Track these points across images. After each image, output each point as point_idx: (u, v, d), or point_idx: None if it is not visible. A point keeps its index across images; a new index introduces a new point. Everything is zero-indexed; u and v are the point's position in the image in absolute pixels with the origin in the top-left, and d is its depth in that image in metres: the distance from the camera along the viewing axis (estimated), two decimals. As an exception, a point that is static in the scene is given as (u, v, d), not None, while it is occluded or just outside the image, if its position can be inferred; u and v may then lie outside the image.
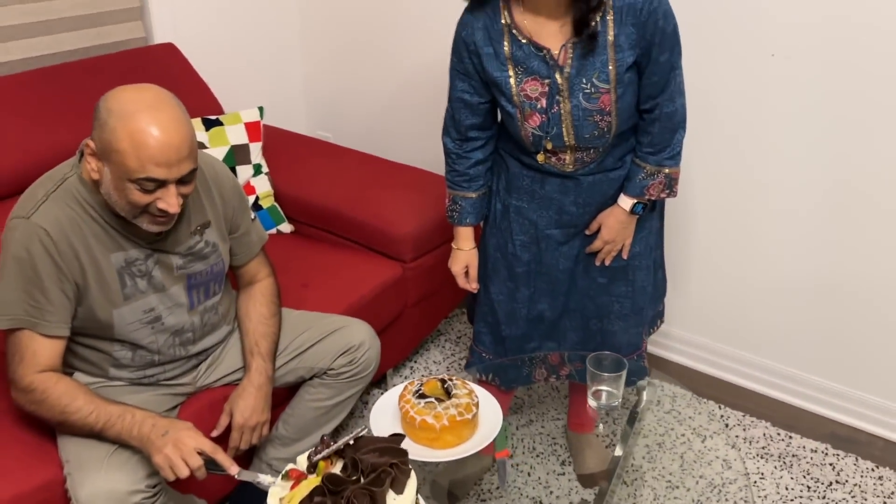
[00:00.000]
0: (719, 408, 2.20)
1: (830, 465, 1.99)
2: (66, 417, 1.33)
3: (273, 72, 2.78)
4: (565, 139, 1.50)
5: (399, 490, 1.18)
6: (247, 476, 1.27)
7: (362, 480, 1.16)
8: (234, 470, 1.29)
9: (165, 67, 2.25)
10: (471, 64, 1.51)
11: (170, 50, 2.30)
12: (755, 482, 1.95)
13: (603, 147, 1.53)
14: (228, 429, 1.55)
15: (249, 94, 2.60)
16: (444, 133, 1.64)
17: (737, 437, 2.09)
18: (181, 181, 1.30)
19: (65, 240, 1.34)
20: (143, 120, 1.24)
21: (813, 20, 1.81)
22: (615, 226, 1.58)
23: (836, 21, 1.79)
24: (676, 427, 2.03)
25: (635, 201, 1.56)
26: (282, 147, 2.39)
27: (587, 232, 1.63)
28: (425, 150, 2.47)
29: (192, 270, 1.50)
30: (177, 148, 1.26)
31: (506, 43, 1.46)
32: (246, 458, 1.72)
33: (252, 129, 2.23)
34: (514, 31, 1.45)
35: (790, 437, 2.08)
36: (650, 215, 1.63)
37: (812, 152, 1.93)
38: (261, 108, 2.29)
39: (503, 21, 1.45)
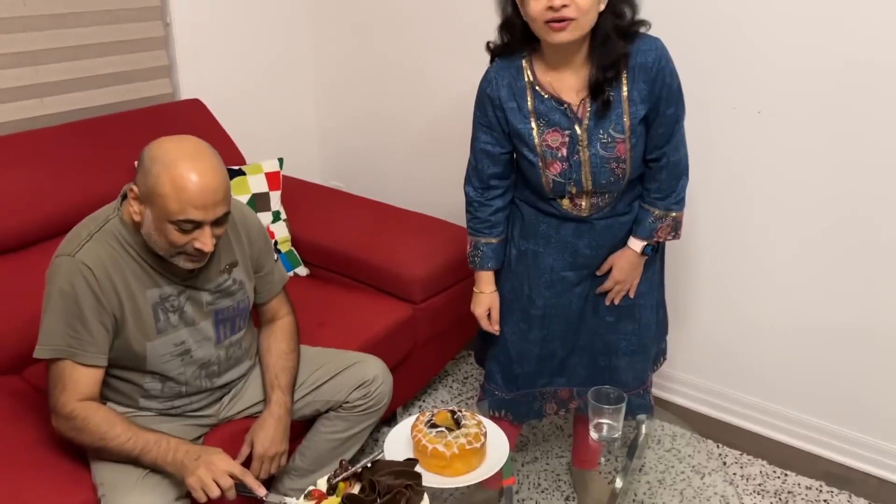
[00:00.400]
0: (717, 447, 2.28)
1: (825, 501, 2.06)
2: (106, 444, 1.43)
3: (290, 125, 2.94)
4: (584, 184, 1.63)
5: (413, 509, 1.26)
6: (274, 498, 1.36)
7: (379, 501, 1.26)
8: (261, 492, 1.38)
9: (192, 121, 2.40)
10: (494, 117, 1.64)
11: (196, 105, 2.46)
12: (752, 517, 2.01)
13: (617, 192, 1.66)
14: (249, 458, 1.64)
15: (268, 145, 2.75)
16: (467, 182, 1.75)
17: (734, 474, 2.16)
18: (215, 223, 1.43)
19: (106, 276, 1.46)
20: (183, 167, 1.37)
21: (797, 80, 1.96)
22: (626, 266, 1.70)
23: (819, 78, 1.93)
24: (676, 465, 2.10)
25: (645, 243, 1.68)
26: (298, 195, 2.53)
27: (598, 273, 1.74)
28: (434, 198, 2.61)
29: (220, 306, 1.62)
30: (213, 192, 1.39)
31: (529, 98, 1.60)
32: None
33: (272, 178, 2.38)
34: (536, 88, 1.59)
35: (786, 475, 2.15)
36: (654, 256, 1.74)
37: (802, 198, 2.06)
38: (280, 160, 2.43)
39: (526, 79, 1.60)
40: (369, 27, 2.77)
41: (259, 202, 2.32)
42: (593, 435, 1.64)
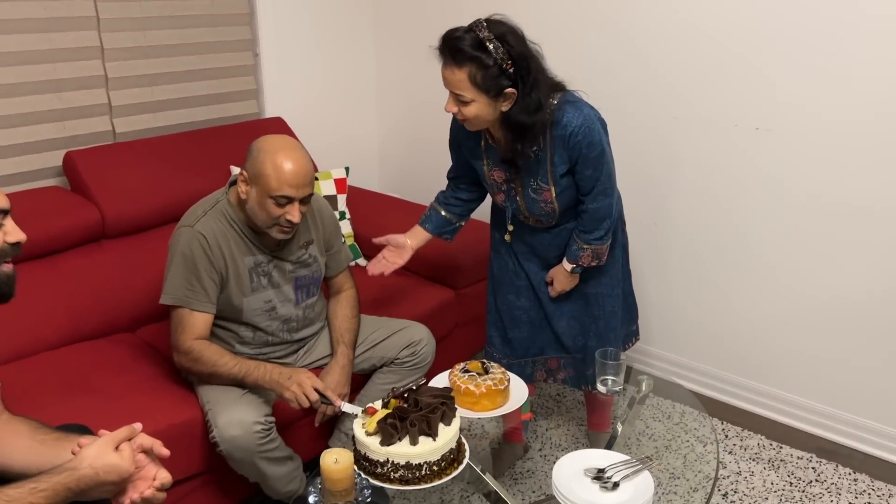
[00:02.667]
0: (721, 423, 2.57)
1: (813, 468, 2.33)
2: (217, 370, 1.84)
3: (355, 141, 3.39)
4: (523, 213, 2.05)
5: (447, 422, 1.62)
6: (348, 408, 1.74)
7: (421, 411, 1.62)
8: (338, 402, 1.78)
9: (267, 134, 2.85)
10: (457, 148, 2.10)
11: (278, 122, 2.92)
12: (745, 477, 2.30)
13: (553, 219, 2.05)
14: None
15: (336, 157, 3.19)
16: (447, 175, 2.21)
17: (734, 445, 2.45)
18: (302, 201, 1.84)
19: (216, 243, 1.88)
20: (282, 155, 1.79)
21: (792, 100, 2.30)
22: (562, 279, 2.10)
23: (812, 100, 2.26)
24: (682, 435, 2.40)
25: (573, 265, 2.06)
26: (360, 200, 2.96)
27: (546, 282, 2.14)
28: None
29: (299, 274, 2.03)
30: (303, 175, 1.80)
31: (482, 141, 1.99)
32: (328, 431, 2.18)
33: (340, 184, 2.80)
34: (486, 135, 1.97)
35: (780, 448, 2.43)
36: (613, 253, 2.10)
37: (795, 197, 2.37)
38: (347, 168, 2.86)
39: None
40: (426, 59, 3.20)
41: (328, 203, 2.74)
42: (600, 388, 1.97)
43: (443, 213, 2.20)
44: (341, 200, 2.80)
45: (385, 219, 2.86)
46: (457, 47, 1.74)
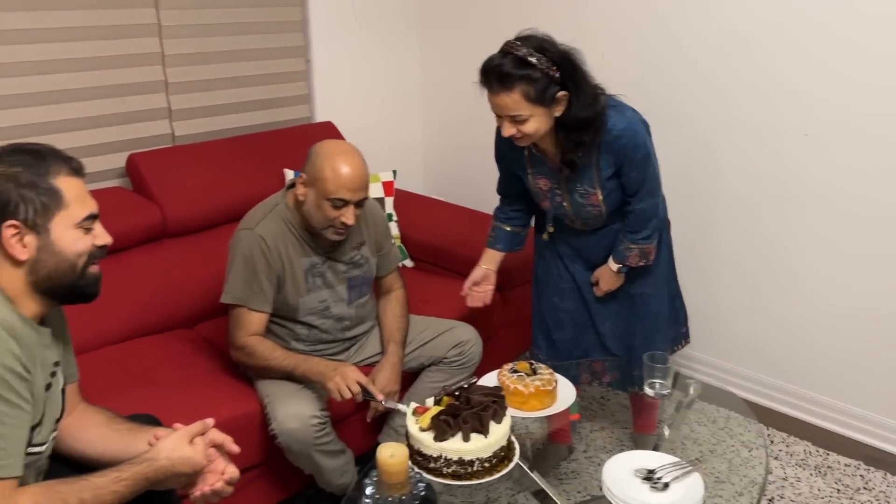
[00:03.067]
0: (767, 429, 2.56)
1: (861, 475, 2.31)
2: (269, 364, 1.91)
3: (401, 146, 3.46)
4: (570, 217, 2.07)
5: (498, 420, 1.66)
6: (390, 404, 1.79)
7: (472, 409, 1.67)
8: (380, 397, 1.83)
9: (325, 139, 2.92)
10: (501, 159, 2.11)
11: (328, 126, 3.00)
12: (792, 483, 2.30)
13: (600, 222, 2.07)
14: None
15: (383, 161, 3.25)
16: (497, 190, 2.23)
17: (779, 450, 2.45)
18: (357, 204, 1.90)
19: (274, 245, 1.95)
20: (340, 159, 1.86)
21: (840, 104, 2.29)
22: (608, 279, 2.12)
23: (860, 105, 2.26)
24: (727, 440, 2.41)
25: (620, 265, 2.08)
26: (406, 202, 3.02)
27: (591, 282, 2.16)
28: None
29: (351, 275, 2.09)
30: (360, 179, 1.87)
31: (526, 152, 2.02)
32: (378, 427, 2.24)
33: (387, 186, 2.87)
34: (531, 146, 1.99)
35: (827, 455, 2.42)
36: (659, 253, 2.11)
37: (841, 203, 2.36)
38: (394, 171, 2.93)
39: None
40: (469, 68, 3.25)
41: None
42: (648, 391, 1.99)
43: (507, 228, 2.22)
44: (388, 203, 2.86)
45: (431, 221, 2.93)
46: (502, 72, 1.78)
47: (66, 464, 1.48)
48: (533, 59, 1.77)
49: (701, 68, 2.54)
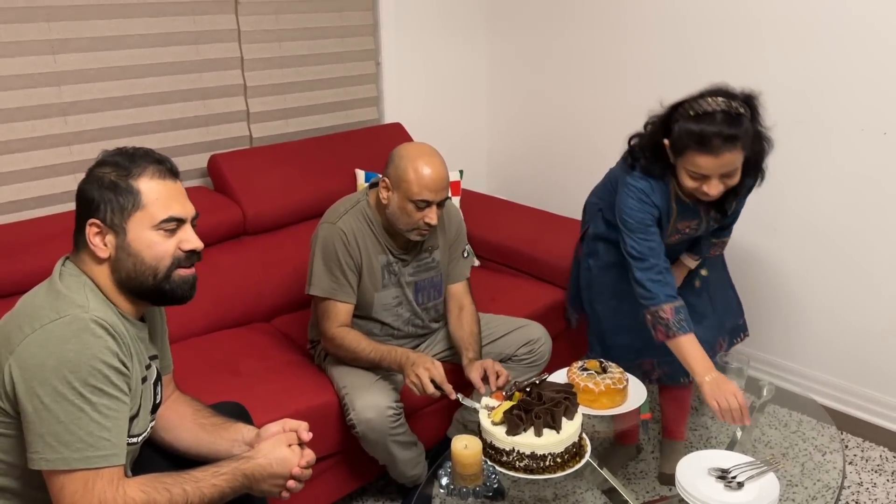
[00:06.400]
0: (841, 433, 2.51)
1: (941, 484, 2.25)
2: (357, 354, 1.98)
3: (467, 145, 3.50)
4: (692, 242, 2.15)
5: (570, 417, 1.69)
6: (466, 401, 1.83)
7: (545, 405, 1.69)
8: (453, 395, 1.85)
9: (394, 140, 2.94)
10: (653, 219, 1.97)
11: (397, 127, 3.06)
12: (867, 489, 2.25)
13: None
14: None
15: (449, 161, 3.29)
16: (644, 262, 1.97)
17: (854, 455, 2.39)
18: (439, 204, 1.95)
19: (354, 239, 2.02)
20: (422, 161, 1.91)
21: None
22: (679, 277, 2.15)
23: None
24: (800, 443, 2.37)
25: (696, 260, 2.14)
26: (472, 202, 3.06)
27: None
28: (578, 204, 3.05)
29: (420, 277, 2.14)
30: (442, 180, 1.92)
31: (674, 204, 1.99)
32: (446, 420, 2.28)
33: (454, 186, 2.91)
34: (679, 194, 1.98)
35: (906, 461, 2.36)
36: None
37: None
38: (461, 171, 2.97)
39: (672, 190, 1.97)
40: (534, 69, 3.28)
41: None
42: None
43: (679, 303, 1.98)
44: (455, 202, 2.90)
45: (496, 220, 2.96)
46: (725, 133, 1.75)
47: (156, 451, 1.56)
48: (742, 110, 1.79)
49: (775, 65, 2.50)
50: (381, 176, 2.01)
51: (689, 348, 1.90)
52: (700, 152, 1.78)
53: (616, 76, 2.96)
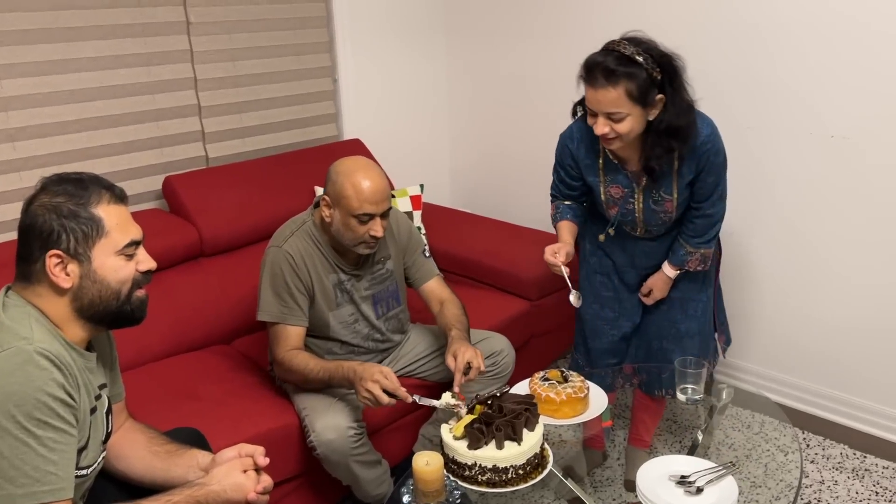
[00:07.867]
0: (802, 433, 2.55)
1: (900, 478, 2.29)
2: (306, 376, 1.95)
3: (428, 160, 3.51)
4: (636, 224, 2.07)
5: (531, 428, 1.69)
6: (424, 401, 1.80)
7: (505, 417, 1.69)
8: (409, 399, 1.79)
9: (341, 158, 2.98)
10: (570, 164, 2.09)
11: (356, 143, 3.06)
12: (829, 486, 2.28)
13: (665, 229, 2.09)
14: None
15: (411, 175, 3.30)
16: (552, 189, 2.21)
17: (815, 454, 2.43)
18: (382, 215, 1.94)
19: (302, 262, 2.00)
20: (359, 175, 1.91)
21: (870, 105, 2.29)
22: (662, 287, 2.13)
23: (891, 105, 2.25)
24: (763, 444, 2.39)
25: (677, 270, 2.09)
26: (434, 215, 3.06)
27: (640, 294, 2.17)
28: (544, 215, 3.06)
29: (377, 290, 2.13)
30: (381, 192, 1.91)
31: (600, 159, 2.03)
32: (412, 436, 2.27)
33: (415, 200, 2.91)
34: (608, 153, 2.01)
35: (865, 457, 2.39)
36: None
37: (869, 208, 2.35)
38: (421, 185, 2.97)
39: (601, 145, 2.00)
40: (494, 81, 3.30)
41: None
42: (680, 397, 2.00)
43: (570, 202, 2.17)
44: (417, 216, 2.90)
45: (459, 233, 2.96)
46: (608, 68, 1.80)
47: (110, 481, 1.53)
48: (639, 58, 1.80)
49: (728, 71, 2.55)
50: (321, 195, 2.00)
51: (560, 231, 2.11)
52: (586, 83, 1.85)
53: (575, 87, 2.98)
